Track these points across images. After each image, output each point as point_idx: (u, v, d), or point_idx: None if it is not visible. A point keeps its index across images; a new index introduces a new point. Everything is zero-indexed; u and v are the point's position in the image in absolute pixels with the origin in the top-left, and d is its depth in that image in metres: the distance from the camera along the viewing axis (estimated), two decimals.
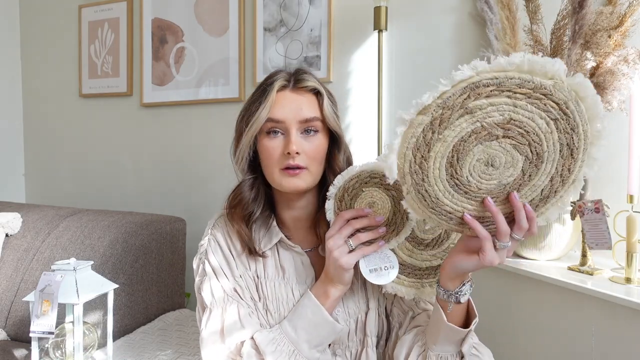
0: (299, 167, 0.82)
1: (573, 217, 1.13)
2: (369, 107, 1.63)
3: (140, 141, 2.07)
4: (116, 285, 1.15)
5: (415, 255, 0.85)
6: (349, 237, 0.78)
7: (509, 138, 0.62)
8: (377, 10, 1.49)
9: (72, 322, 1.04)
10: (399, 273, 0.83)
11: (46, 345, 1.08)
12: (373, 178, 0.79)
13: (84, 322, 1.08)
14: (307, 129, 0.84)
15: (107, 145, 2.15)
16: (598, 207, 0.70)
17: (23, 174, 2.38)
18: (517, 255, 1.26)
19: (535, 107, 0.60)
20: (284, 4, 1.75)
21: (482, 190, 0.65)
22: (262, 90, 0.86)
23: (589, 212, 0.71)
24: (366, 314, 0.88)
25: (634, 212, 1.06)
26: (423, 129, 0.62)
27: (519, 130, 0.61)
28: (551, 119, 0.61)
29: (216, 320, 0.83)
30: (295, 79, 0.86)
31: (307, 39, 1.72)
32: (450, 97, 0.61)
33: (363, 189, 0.80)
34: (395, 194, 0.79)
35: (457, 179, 0.64)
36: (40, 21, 2.30)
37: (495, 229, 0.66)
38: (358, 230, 0.79)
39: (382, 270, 0.79)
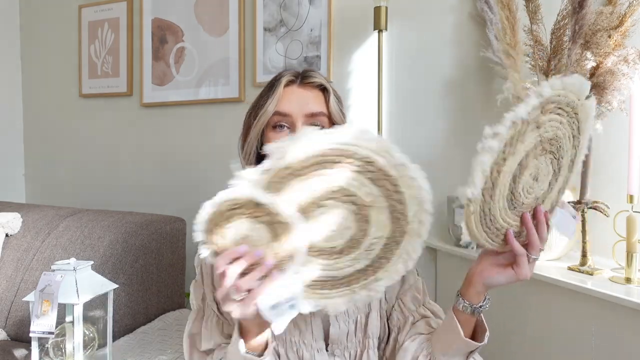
0: None
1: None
2: (369, 107, 1.63)
3: (140, 141, 2.07)
4: (116, 285, 1.15)
5: (330, 266, 0.69)
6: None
7: (551, 153, 0.65)
8: (377, 10, 1.49)
9: (72, 322, 1.04)
10: (322, 289, 0.69)
11: (46, 345, 1.08)
12: (235, 209, 0.67)
13: (84, 322, 1.08)
14: (312, 124, 0.85)
15: (107, 145, 2.15)
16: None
17: (23, 174, 2.38)
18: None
19: (568, 124, 0.65)
20: (284, 4, 1.75)
21: (525, 204, 0.67)
22: (271, 86, 0.88)
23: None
24: (367, 315, 0.87)
25: (634, 212, 1.06)
26: (505, 144, 0.61)
27: (557, 145, 0.65)
28: (573, 136, 0.66)
29: (194, 325, 0.88)
30: (303, 76, 0.88)
31: (307, 39, 1.72)
32: (531, 112, 0.61)
33: (227, 225, 0.67)
34: (269, 218, 0.64)
35: (514, 195, 0.65)
36: (40, 21, 2.30)
37: (525, 243, 0.69)
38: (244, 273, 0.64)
39: (284, 305, 0.64)
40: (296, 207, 0.63)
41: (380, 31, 1.51)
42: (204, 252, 0.66)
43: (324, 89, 0.88)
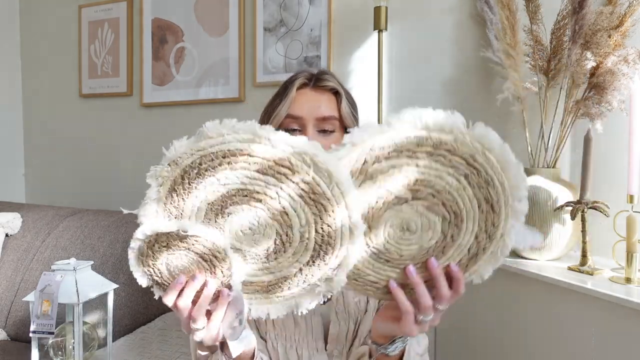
0: None
1: (573, 217, 1.13)
2: (368, 107, 1.63)
3: (140, 141, 2.07)
4: (116, 285, 1.15)
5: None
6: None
7: (419, 200, 0.59)
8: (377, 10, 1.49)
9: (72, 322, 1.04)
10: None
11: (46, 345, 1.08)
12: (165, 242, 0.66)
13: (84, 322, 1.08)
14: (324, 129, 0.85)
15: (107, 145, 2.15)
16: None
17: (23, 174, 2.38)
18: (517, 255, 1.26)
19: (440, 164, 0.57)
20: (284, 4, 1.75)
21: (404, 256, 0.61)
22: (284, 88, 0.89)
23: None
24: (364, 314, 0.88)
25: (634, 212, 1.06)
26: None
27: (429, 190, 0.58)
28: (461, 175, 0.58)
29: None
30: (316, 78, 0.88)
31: (307, 39, 1.72)
32: (347, 161, 0.57)
33: (160, 258, 0.66)
34: (202, 249, 0.63)
35: (375, 247, 0.60)
36: (40, 21, 2.30)
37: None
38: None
39: (236, 324, 0.64)
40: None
41: (380, 31, 1.51)
42: (143, 282, 0.67)
43: (336, 93, 0.88)
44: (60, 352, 1.07)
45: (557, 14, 1.27)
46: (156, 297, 0.67)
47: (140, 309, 1.46)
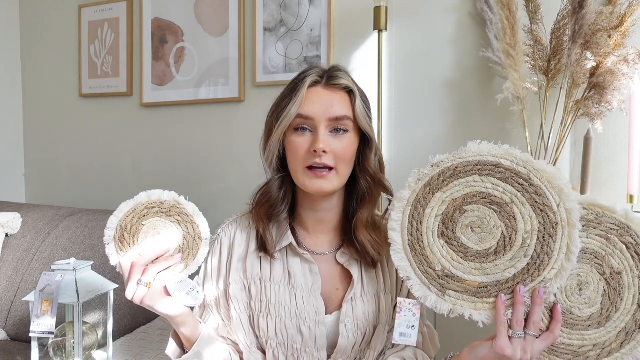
0: (326, 167, 0.80)
1: None
2: None
3: (140, 141, 2.07)
4: (116, 285, 1.15)
5: (489, 270, 0.75)
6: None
7: (606, 282, 0.69)
8: (377, 10, 1.49)
9: (72, 322, 1.04)
10: (489, 297, 0.75)
11: (46, 345, 1.08)
12: (151, 208, 0.81)
13: (84, 322, 1.08)
14: (336, 128, 0.82)
15: (107, 145, 2.15)
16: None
17: (23, 174, 2.38)
18: None
19: (636, 266, 0.68)
20: (284, 4, 1.75)
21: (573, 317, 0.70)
22: (294, 86, 0.84)
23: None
24: (375, 328, 0.86)
25: (634, 212, 1.06)
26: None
27: (617, 283, 0.68)
28: (633, 256, 0.68)
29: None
30: (329, 76, 0.84)
31: (307, 39, 1.72)
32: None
33: (143, 223, 0.81)
34: (179, 218, 0.81)
35: None
36: (40, 21, 2.30)
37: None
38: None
39: (193, 292, 0.81)
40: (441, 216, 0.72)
41: (380, 31, 1.51)
42: (114, 258, 0.81)
43: (350, 92, 0.84)
44: (60, 352, 1.07)
45: (557, 14, 1.27)
46: (113, 263, 0.83)
47: (140, 309, 1.46)
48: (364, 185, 0.85)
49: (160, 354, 1.25)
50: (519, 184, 0.68)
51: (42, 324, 1.01)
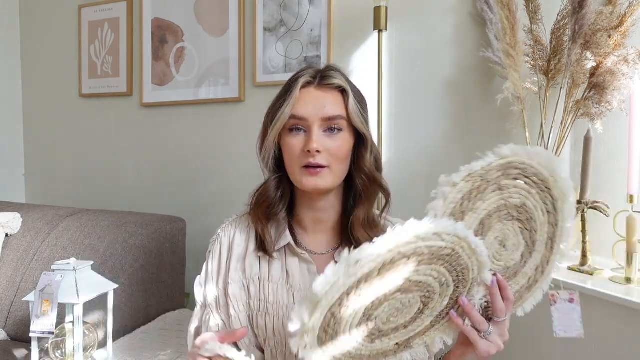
0: (320, 166, 0.81)
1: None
2: (368, 107, 1.63)
3: (140, 141, 2.07)
4: (116, 285, 1.15)
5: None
6: None
7: (519, 221, 0.69)
8: (377, 10, 1.49)
9: (72, 322, 1.04)
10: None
11: (46, 345, 1.08)
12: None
13: (84, 322, 1.08)
14: (330, 127, 0.82)
15: (107, 145, 2.15)
16: (573, 299, 0.76)
17: (23, 174, 2.38)
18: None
19: (540, 197, 0.68)
20: (284, 4, 1.75)
21: (490, 271, 0.69)
22: (288, 87, 0.85)
23: (561, 302, 0.76)
24: None
25: (634, 212, 1.06)
26: (462, 196, 0.66)
27: (527, 215, 0.68)
28: (547, 212, 0.69)
29: (197, 320, 0.90)
30: (322, 76, 0.85)
31: (307, 39, 1.72)
32: (490, 171, 0.66)
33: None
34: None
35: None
36: (40, 21, 2.30)
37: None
38: None
39: None
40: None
41: (380, 31, 1.51)
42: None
43: (343, 90, 0.85)
44: (60, 352, 1.07)
45: (557, 14, 1.27)
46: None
47: (140, 309, 1.46)
48: (359, 183, 0.86)
49: (161, 354, 1.25)
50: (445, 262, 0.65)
51: (42, 324, 1.01)
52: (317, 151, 0.80)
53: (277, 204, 0.88)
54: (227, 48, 1.85)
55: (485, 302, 0.70)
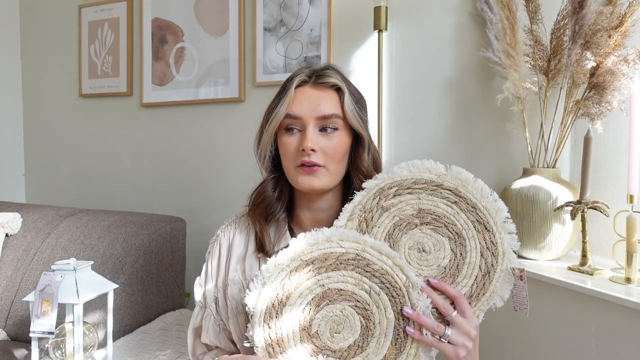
0: (315, 165, 0.81)
1: (573, 217, 1.13)
2: (369, 107, 1.63)
3: (140, 141, 2.07)
4: (116, 285, 1.15)
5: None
6: None
7: (426, 224, 0.75)
8: (377, 10, 1.49)
9: (72, 322, 1.04)
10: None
11: (46, 345, 1.08)
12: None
13: (84, 322, 1.08)
14: (325, 127, 0.82)
15: (107, 145, 2.15)
16: (522, 276, 0.77)
17: (23, 174, 2.38)
18: (517, 255, 1.26)
19: (434, 196, 0.75)
20: (284, 4, 1.75)
21: (426, 276, 0.73)
22: (284, 86, 0.85)
23: (515, 279, 0.76)
24: None
25: (634, 212, 1.06)
26: (361, 231, 0.75)
27: (431, 216, 0.75)
28: (452, 202, 0.74)
29: (197, 320, 0.91)
30: (317, 75, 0.84)
31: (307, 39, 1.72)
32: (367, 201, 0.76)
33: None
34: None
35: None
36: (40, 21, 2.30)
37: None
38: None
39: None
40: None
41: (380, 31, 1.51)
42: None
43: (338, 89, 0.84)
44: (60, 352, 1.07)
45: (557, 14, 1.27)
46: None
47: (140, 309, 1.46)
48: (357, 184, 0.85)
49: (160, 354, 1.25)
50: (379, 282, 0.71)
51: (42, 324, 1.01)
52: (312, 150, 0.80)
53: (274, 205, 0.88)
54: (227, 48, 1.85)
55: (433, 307, 0.71)
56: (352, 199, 0.78)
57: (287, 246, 0.86)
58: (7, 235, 1.63)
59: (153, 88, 2.00)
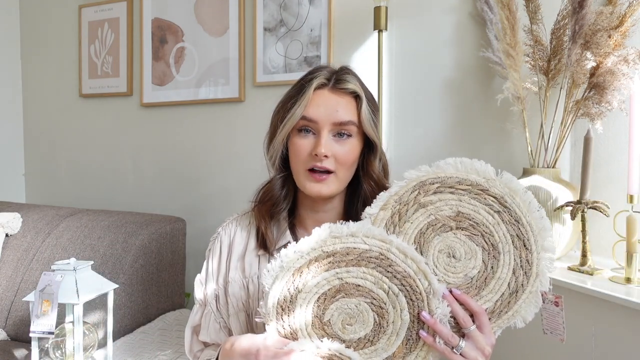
0: (327, 171, 0.80)
1: (573, 217, 1.13)
2: None
3: (140, 141, 2.07)
4: (116, 285, 1.15)
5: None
6: None
7: (462, 230, 0.69)
8: (377, 10, 1.49)
9: (72, 322, 1.04)
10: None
11: (46, 345, 1.08)
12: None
13: (84, 322, 1.08)
14: (340, 132, 0.81)
15: (107, 145, 2.15)
16: (557, 302, 0.73)
17: (23, 174, 2.38)
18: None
19: (477, 201, 0.69)
20: (284, 4, 1.75)
21: (451, 283, 0.70)
22: (300, 86, 0.83)
23: (548, 303, 0.74)
24: None
25: (634, 212, 1.06)
26: (385, 224, 0.71)
27: (469, 222, 0.69)
28: (494, 211, 0.69)
29: (195, 318, 0.91)
30: (336, 79, 0.83)
31: (307, 39, 1.72)
32: (404, 193, 0.71)
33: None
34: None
35: None
36: (40, 21, 2.30)
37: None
38: None
39: None
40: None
41: (380, 31, 1.51)
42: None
43: (357, 96, 0.83)
44: (60, 352, 1.07)
45: (557, 14, 1.27)
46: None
47: (140, 309, 1.46)
48: (367, 189, 0.85)
49: (160, 354, 1.25)
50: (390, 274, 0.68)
51: (42, 324, 1.01)
52: (325, 156, 0.79)
53: (280, 203, 0.88)
54: (227, 48, 1.85)
55: (452, 316, 0.69)
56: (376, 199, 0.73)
57: (286, 244, 0.87)
58: (7, 235, 1.63)
59: (153, 88, 2.00)
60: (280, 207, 0.88)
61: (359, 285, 0.68)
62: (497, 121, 1.45)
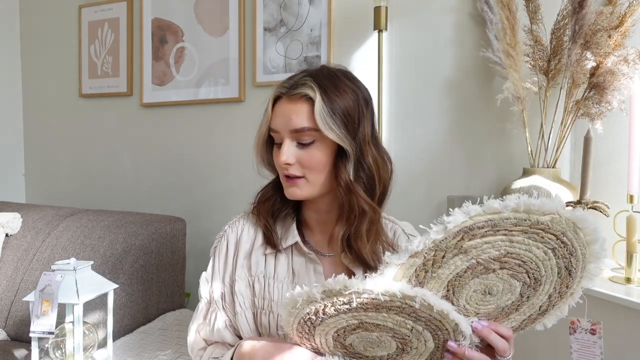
0: (296, 176, 0.83)
1: None
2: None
3: (140, 141, 2.07)
4: (116, 285, 1.15)
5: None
6: None
7: (505, 269, 0.62)
8: (377, 10, 1.49)
9: (72, 322, 1.04)
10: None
11: (46, 345, 1.08)
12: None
13: (84, 322, 1.08)
14: (300, 141, 0.81)
15: (107, 145, 2.15)
16: (594, 329, 0.68)
17: (23, 174, 2.38)
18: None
19: (532, 240, 0.60)
20: (284, 4, 1.75)
21: (480, 314, 0.66)
22: (269, 100, 0.87)
23: (582, 332, 0.68)
24: None
25: (634, 212, 1.06)
26: (415, 269, 0.61)
27: (516, 261, 0.61)
28: (549, 249, 0.60)
29: (200, 315, 0.91)
30: (292, 85, 0.82)
31: (307, 39, 1.72)
32: (442, 240, 0.59)
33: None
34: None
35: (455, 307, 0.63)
36: (40, 21, 2.30)
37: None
38: None
39: None
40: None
41: (380, 31, 1.51)
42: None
43: (311, 100, 0.80)
44: (60, 352, 1.07)
45: (557, 14, 1.27)
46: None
47: (140, 309, 1.46)
48: (339, 197, 0.83)
49: (160, 354, 1.25)
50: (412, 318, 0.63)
51: (42, 324, 1.01)
52: (287, 164, 0.81)
53: (279, 203, 0.90)
54: (227, 48, 1.85)
55: (479, 341, 0.66)
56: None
57: (295, 243, 0.87)
58: (7, 235, 1.63)
59: (153, 88, 2.00)
60: (280, 206, 0.90)
61: (378, 325, 0.64)
62: (497, 121, 1.45)
